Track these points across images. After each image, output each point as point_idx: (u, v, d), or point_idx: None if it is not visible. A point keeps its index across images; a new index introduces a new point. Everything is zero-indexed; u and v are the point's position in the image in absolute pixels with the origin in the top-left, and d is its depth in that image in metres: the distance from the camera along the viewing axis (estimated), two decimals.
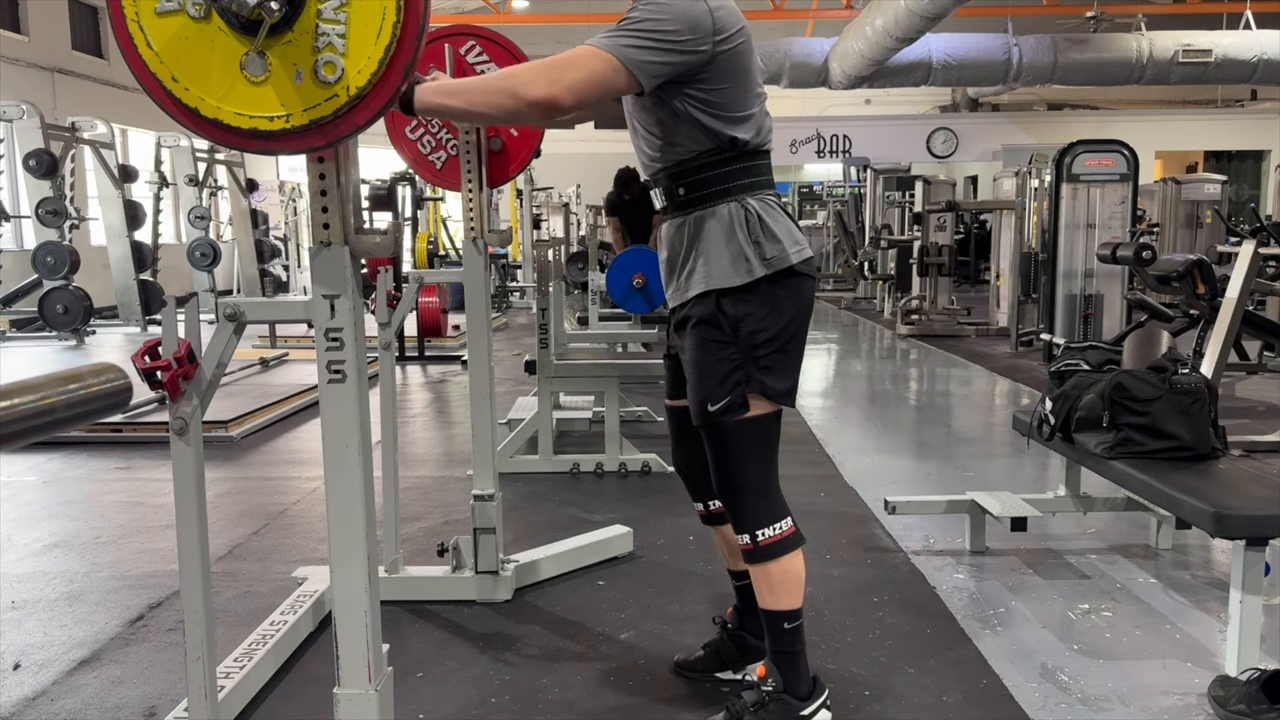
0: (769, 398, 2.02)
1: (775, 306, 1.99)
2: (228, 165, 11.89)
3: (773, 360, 2.01)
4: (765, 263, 1.97)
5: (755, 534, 2.04)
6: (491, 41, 2.74)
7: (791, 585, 2.06)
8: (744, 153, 2.00)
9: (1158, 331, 3.23)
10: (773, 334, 1.99)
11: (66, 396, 1.56)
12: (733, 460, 2.04)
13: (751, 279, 1.97)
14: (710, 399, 2.01)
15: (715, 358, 2.00)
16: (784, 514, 2.08)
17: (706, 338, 2.01)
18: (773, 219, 2.01)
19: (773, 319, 1.99)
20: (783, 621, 2.07)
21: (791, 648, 2.09)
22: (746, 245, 1.97)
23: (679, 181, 2.03)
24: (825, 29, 14.63)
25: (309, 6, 1.40)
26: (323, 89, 1.42)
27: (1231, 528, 2.22)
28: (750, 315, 1.98)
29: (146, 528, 3.64)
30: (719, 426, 2.03)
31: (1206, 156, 18.68)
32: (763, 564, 2.05)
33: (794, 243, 2.02)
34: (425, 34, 1.45)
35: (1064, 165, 7.28)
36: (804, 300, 2.05)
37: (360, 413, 1.63)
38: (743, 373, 1.99)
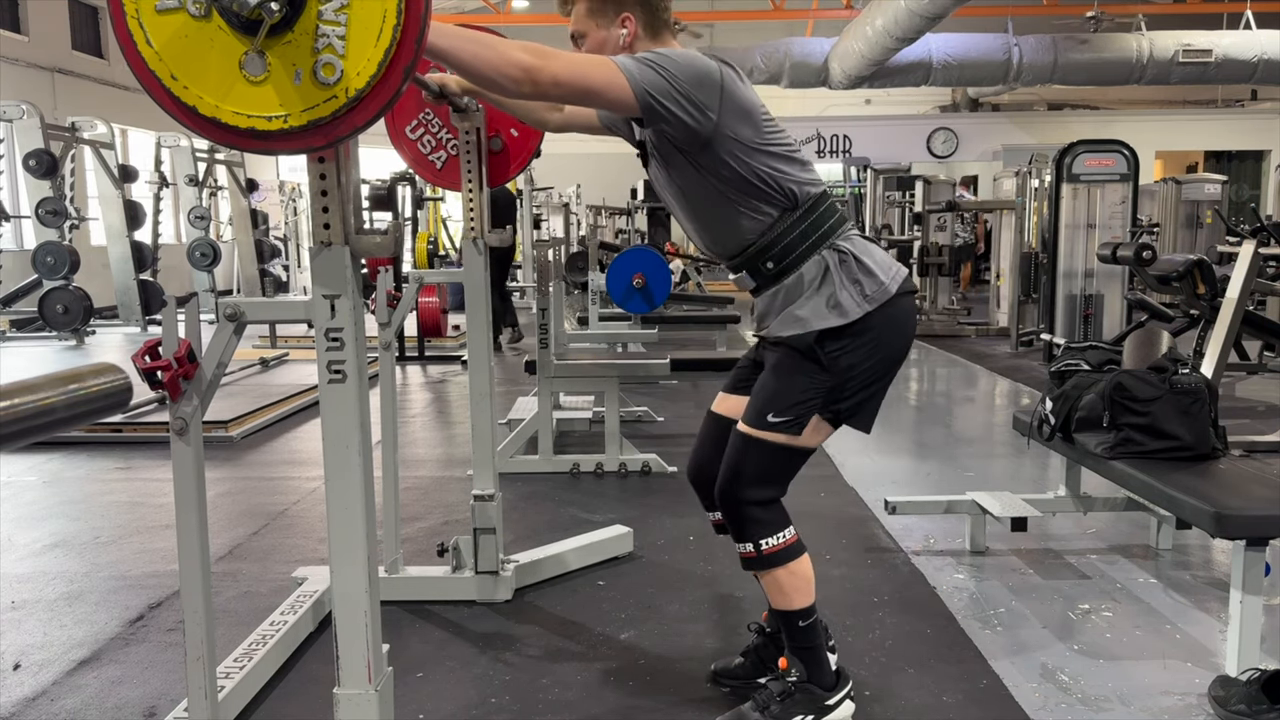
0: (838, 422, 2.04)
1: (876, 339, 2.00)
2: (228, 165, 11.89)
3: (860, 392, 2.02)
4: (867, 299, 1.98)
5: (760, 543, 2.05)
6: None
7: (801, 586, 2.08)
8: (811, 203, 2.01)
9: (1158, 331, 3.23)
10: (870, 365, 2.01)
11: (66, 396, 1.56)
12: (756, 475, 2.05)
13: (853, 319, 1.97)
14: (772, 411, 2.02)
15: (800, 381, 2.01)
16: (787, 522, 2.09)
17: (799, 362, 2.01)
18: (865, 254, 2.02)
19: (874, 353, 2.01)
20: (797, 620, 2.09)
21: (809, 643, 2.10)
22: (843, 289, 1.98)
23: (763, 258, 2.03)
24: (825, 29, 14.62)
25: (309, 7, 1.40)
26: (322, 90, 1.42)
27: (1231, 528, 2.22)
28: (849, 349, 1.99)
29: (146, 528, 3.64)
30: (760, 440, 2.03)
31: (1206, 156, 18.67)
32: (770, 570, 2.06)
33: (889, 269, 2.03)
34: (426, 36, 1.45)
35: (1064, 165, 7.28)
36: (907, 324, 2.06)
37: (360, 413, 1.63)
38: (820, 400, 2.00)
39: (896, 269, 2.05)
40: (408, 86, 1.48)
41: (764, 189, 1.98)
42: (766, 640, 2.34)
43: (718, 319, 7.76)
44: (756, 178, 1.96)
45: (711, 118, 1.90)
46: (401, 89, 1.45)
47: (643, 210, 15.97)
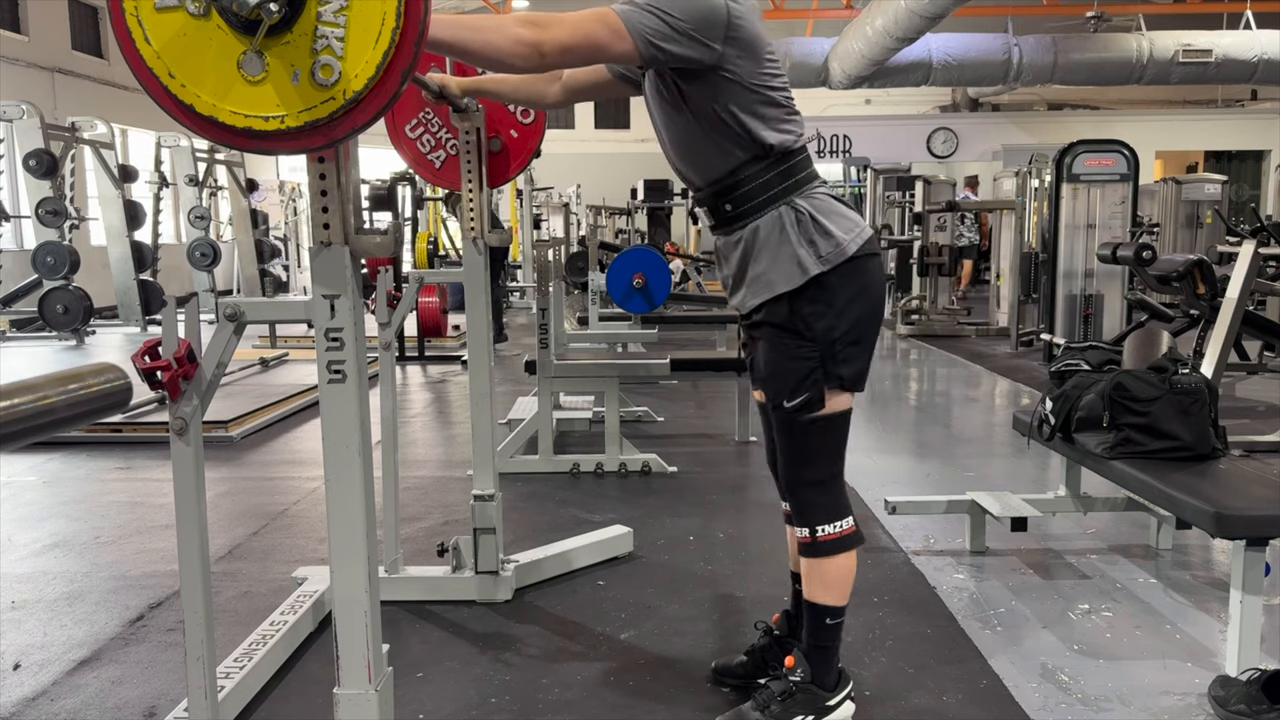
0: (846, 389, 2.03)
1: (845, 299, 1.99)
2: (228, 165, 11.89)
3: (848, 353, 2.01)
4: (821, 260, 1.97)
5: (816, 529, 2.05)
6: None
7: (842, 583, 2.08)
8: (782, 155, 1.99)
9: (1158, 331, 3.23)
10: (847, 327, 2.00)
11: (66, 396, 1.56)
12: (803, 455, 2.05)
13: (809, 277, 1.96)
14: (785, 396, 2.02)
15: (790, 356, 2.01)
16: (846, 512, 2.08)
17: (781, 338, 2.01)
18: (824, 213, 2.00)
19: (846, 312, 1.99)
20: (826, 616, 2.08)
21: (829, 642, 2.10)
22: (801, 246, 1.97)
23: (724, 198, 2.02)
24: (825, 29, 14.62)
25: (309, 8, 1.40)
26: (319, 91, 1.42)
27: (1231, 528, 2.22)
28: (821, 313, 1.98)
29: (146, 528, 3.64)
30: (792, 421, 2.04)
31: (1206, 156, 18.68)
32: (819, 559, 2.06)
33: (849, 231, 2.00)
34: (425, 39, 1.45)
35: (1064, 165, 7.28)
36: (872, 285, 2.04)
37: (360, 413, 1.63)
38: (820, 370, 2.00)
39: (858, 230, 2.02)
40: (406, 89, 1.48)
41: (736, 131, 1.96)
42: (772, 642, 2.33)
43: (718, 319, 7.75)
44: (733, 118, 1.94)
45: (716, 49, 1.88)
46: (399, 92, 1.45)
47: (643, 210, 15.97)
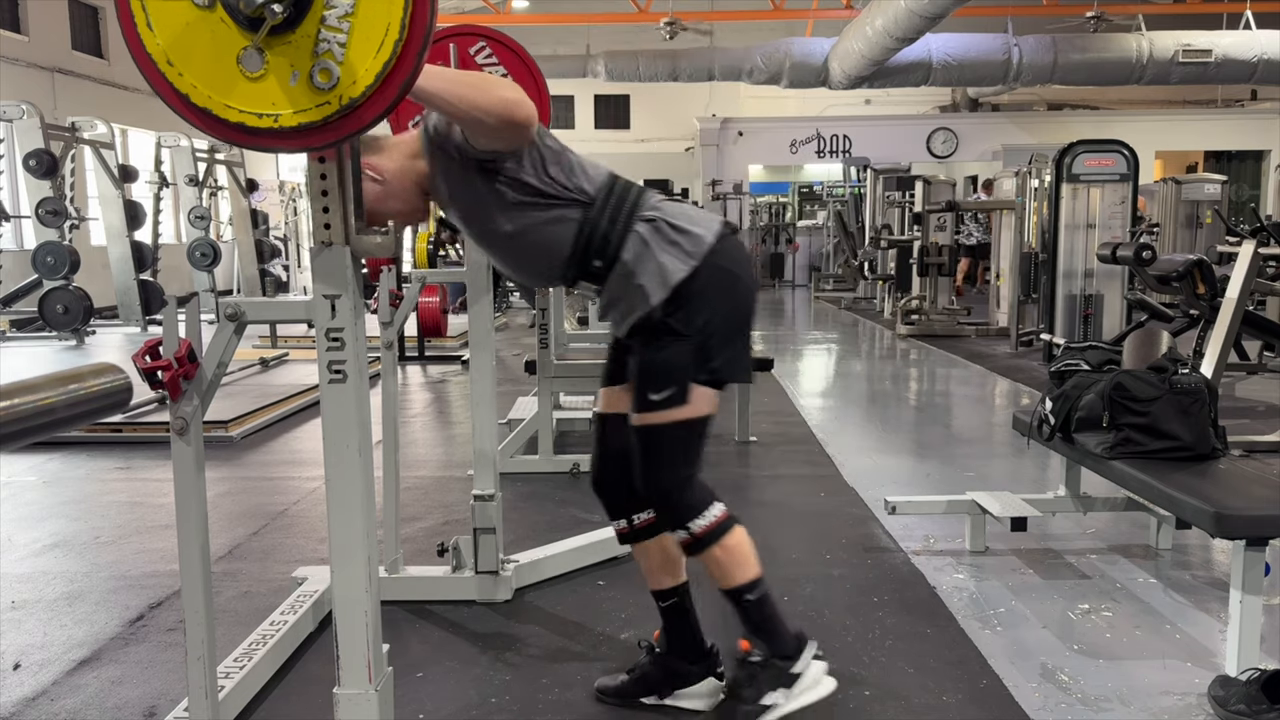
0: (719, 382, 2.04)
1: (717, 292, 2.01)
2: (228, 165, 11.89)
3: (722, 344, 2.02)
4: (689, 255, 1.99)
5: (689, 527, 2.05)
6: (502, 44, 2.73)
7: (740, 560, 2.07)
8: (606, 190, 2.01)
9: (1158, 331, 3.23)
10: (721, 319, 2.01)
11: (66, 396, 1.56)
12: (663, 458, 2.05)
13: (680, 279, 1.97)
14: (653, 389, 2.02)
15: (665, 350, 2.01)
16: (710, 500, 2.08)
17: (658, 339, 2.02)
18: (676, 215, 2.03)
19: (719, 304, 2.01)
20: (744, 595, 2.07)
21: (762, 615, 2.09)
22: (664, 253, 1.98)
23: (590, 260, 2.02)
24: (825, 29, 14.61)
25: (314, 12, 1.40)
26: (315, 94, 1.42)
27: (1231, 528, 2.22)
28: (697, 310, 1.99)
29: (146, 528, 3.64)
30: (654, 424, 2.03)
31: (1206, 156, 18.66)
32: (706, 550, 2.06)
33: (704, 222, 2.04)
34: (427, 52, 1.45)
35: (1064, 165, 7.28)
36: (737, 268, 2.05)
37: (360, 413, 1.63)
38: (690, 366, 2.01)
39: (710, 219, 2.06)
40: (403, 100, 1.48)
41: (560, 195, 1.97)
42: (653, 661, 2.27)
43: None
44: (553, 183, 1.96)
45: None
46: (397, 102, 1.45)
47: None
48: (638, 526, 2.23)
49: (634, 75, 14.66)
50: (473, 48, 2.71)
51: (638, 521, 2.22)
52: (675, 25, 13.46)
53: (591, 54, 14.59)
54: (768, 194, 20.03)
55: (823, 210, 18.57)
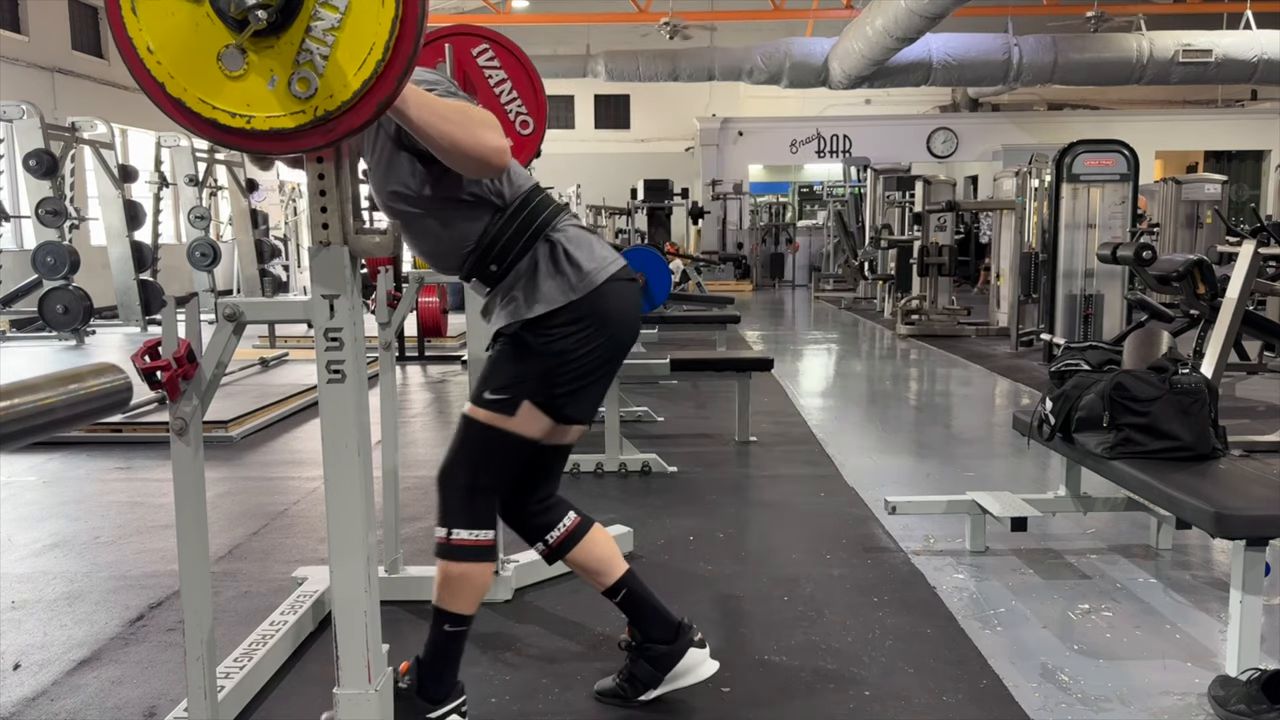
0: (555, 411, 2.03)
1: (588, 330, 2.01)
2: (228, 165, 11.89)
3: (570, 380, 2.02)
4: (572, 288, 2.00)
5: (453, 532, 2.03)
6: (499, 45, 2.73)
7: (469, 592, 2.06)
8: (522, 200, 2.02)
9: (1158, 331, 3.23)
10: (584, 353, 2.02)
11: (66, 396, 1.56)
12: (468, 456, 2.05)
13: (554, 307, 1.99)
14: (490, 387, 2.03)
15: (515, 360, 2.02)
16: (489, 524, 2.07)
17: (514, 347, 2.03)
18: (576, 245, 2.03)
19: (586, 341, 2.01)
20: (446, 623, 2.06)
21: (444, 650, 2.08)
22: (550, 278, 1.99)
23: (487, 261, 2.03)
24: (825, 29, 14.63)
25: (300, 20, 1.40)
26: (292, 101, 1.42)
27: (1231, 528, 2.22)
28: (562, 338, 2.00)
29: (146, 528, 3.64)
30: (477, 417, 2.03)
31: (1206, 156, 18.67)
32: (450, 561, 2.04)
33: (599, 260, 2.05)
34: (409, 75, 1.46)
35: (1064, 165, 7.28)
36: (618, 315, 2.06)
37: (360, 413, 1.63)
38: (534, 382, 2.01)
39: (610, 260, 2.07)
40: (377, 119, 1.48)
41: (476, 194, 1.98)
42: (637, 657, 2.26)
43: (718, 319, 7.75)
44: (477, 182, 1.96)
45: None
46: (371, 120, 1.45)
47: (643, 210, 15.97)
48: (554, 545, 2.23)
49: (634, 75, 14.67)
50: (475, 49, 2.71)
51: (553, 540, 2.23)
52: (675, 25, 13.46)
53: (591, 54, 14.61)
54: (768, 194, 20.04)
55: (823, 210, 18.58)
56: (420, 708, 2.05)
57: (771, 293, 16.27)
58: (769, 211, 19.17)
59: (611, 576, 2.24)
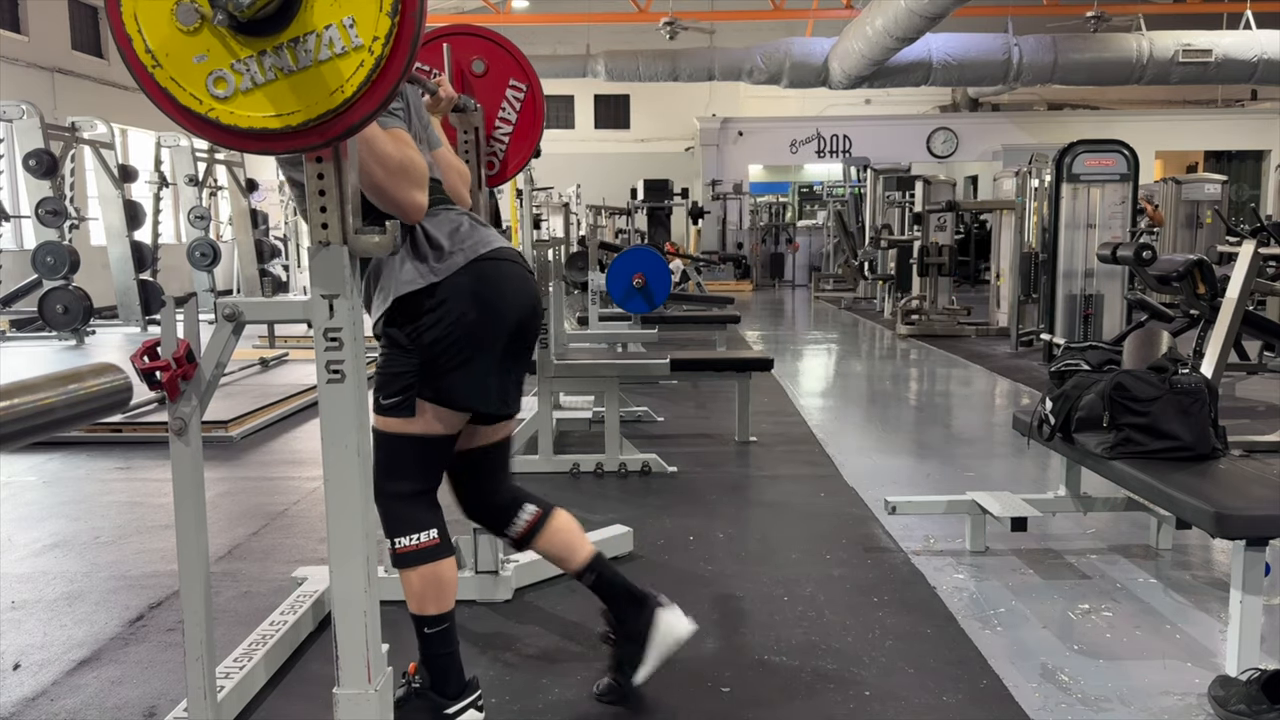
0: (442, 403, 2.03)
1: (453, 313, 1.99)
2: (227, 165, 11.89)
3: (457, 369, 2.01)
4: (432, 271, 1.99)
5: (395, 541, 2.06)
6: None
7: (431, 593, 2.07)
8: None
9: (1158, 331, 3.23)
10: (455, 338, 2.00)
11: (66, 396, 1.56)
12: (389, 465, 2.05)
13: (417, 288, 1.98)
14: (384, 393, 2.03)
15: (394, 361, 2.02)
16: (428, 525, 2.08)
17: (390, 348, 2.03)
18: (437, 228, 2.03)
19: (454, 326, 2.00)
20: (424, 626, 2.08)
21: (434, 651, 2.09)
22: (409, 261, 1.99)
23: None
24: (825, 29, 14.63)
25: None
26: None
27: (1231, 528, 2.22)
28: (429, 327, 1.99)
29: (146, 528, 3.64)
30: (382, 428, 2.04)
31: (1206, 156, 18.67)
32: (405, 569, 2.07)
33: (463, 242, 2.03)
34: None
35: (1064, 165, 7.28)
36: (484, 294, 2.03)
37: (359, 413, 1.63)
38: (415, 378, 2.01)
39: (475, 241, 2.05)
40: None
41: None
42: (621, 641, 2.27)
43: (718, 319, 7.76)
44: None
45: None
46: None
47: (643, 210, 15.97)
48: (518, 538, 2.26)
49: (634, 75, 14.67)
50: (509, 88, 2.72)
51: (515, 534, 2.26)
52: (675, 25, 13.46)
53: (591, 54, 14.61)
54: (768, 194, 20.04)
55: (823, 210, 18.58)
56: (438, 704, 2.08)
57: (771, 293, 16.27)
58: (769, 211, 19.17)
59: (578, 561, 2.27)
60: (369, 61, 1.40)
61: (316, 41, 1.41)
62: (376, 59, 1.40)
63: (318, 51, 1.41)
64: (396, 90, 1.45)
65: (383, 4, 1.39)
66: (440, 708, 2.08)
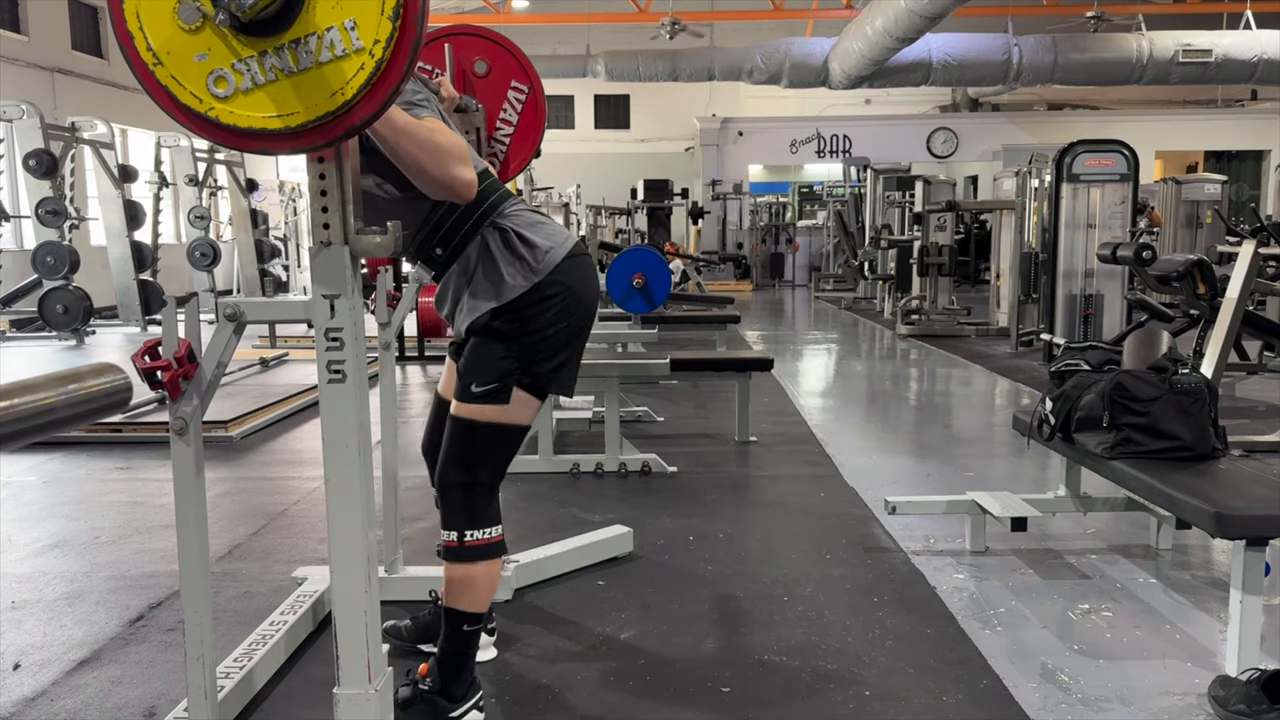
0: (541, 390, 2.09)
1: (558, 306, 2.06)
2: (227, 165, 11.89)
3: (550, 356, 2.07)
4: (534, 271, 2.04)
5: (465, 534, 2.05)
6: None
7: (483, 590, 2.09)
8: None
9: (1158, 331, 3.23)
10: (554, 333, 2.06)
11: (66, 396, 1.56)
12: (467, 454, 2.06)
13: (520, 292, 2.02)
14: (476, 380, 2.05)
15: (493, 353, 2.04)
16: (498, 519, 2.11)
17: (489, 342, 2.06)
18: (526, 226, 2.07)
19: (558, 317, 2.06)
20: (464, 623, 2.09)
21: (466, 649, 2.11)
22: (508, 264, 2.03)
23: (431, 245, 2.07)
24: (825, 29, 14.63)
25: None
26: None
27: (1231, 528, 2.22)
28: (534, 317, 2.04)
29: (146, 528, 3.64)
30: (471, 418, 2.05)
31: (1206, 156, 18.68)
32: (466, 564, 2.06)
33: (553, 238, 2.09)
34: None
35: (1064, 165, 7.28)
36: (582, 286, 2.10)
37: (360, 413, 1.63)
38: (517, 365, 2.04)
39: (564, 236, 2.11)
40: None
41: (391, 184, 1.98)
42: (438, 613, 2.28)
43: (718, 319, 7.76)
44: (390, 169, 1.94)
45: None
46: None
47: (642, 210, 15.97)
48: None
49: (634, 75, 14.68)
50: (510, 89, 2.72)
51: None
52: (675, 25, 13.46)
53: (591, 54, 14.61)
54: (768, 194, 20.04)
55: (823, 210, 18.58)
56: (444, 708, 2.08)
57: (771, 293, 16.27)
58: (769, 211, 19.17)
59: None
60: (370, 64, 1.40)
61: (318, 43, 1.41)
62: (377, 62, 1.40)
63: (319, 53, 1.41)
64: (397, 93, 1.46)
65: (385, 7, 1.39)
66: (445, 711, 2.08)
